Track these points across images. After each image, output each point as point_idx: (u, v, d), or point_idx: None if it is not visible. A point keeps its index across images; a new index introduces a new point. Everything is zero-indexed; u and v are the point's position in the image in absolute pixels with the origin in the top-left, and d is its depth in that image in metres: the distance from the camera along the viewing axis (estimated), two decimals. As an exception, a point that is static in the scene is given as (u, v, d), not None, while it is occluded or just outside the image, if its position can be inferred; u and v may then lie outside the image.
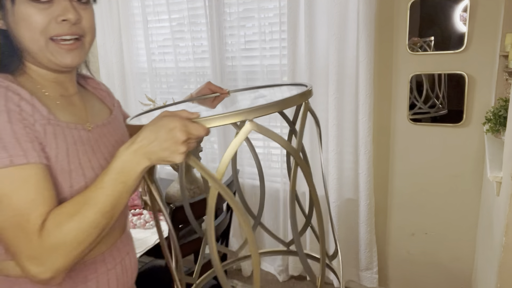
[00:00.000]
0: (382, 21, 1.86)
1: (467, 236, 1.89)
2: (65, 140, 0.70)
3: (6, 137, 0.61)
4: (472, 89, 1.75)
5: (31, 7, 0.66)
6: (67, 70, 0.74)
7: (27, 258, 0.59)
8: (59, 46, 0.69)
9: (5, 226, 0.60)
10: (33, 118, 0.66)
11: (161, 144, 0.60)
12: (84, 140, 0.74)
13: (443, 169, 1.89)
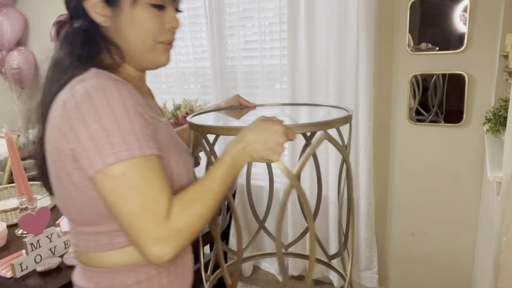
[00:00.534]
0: (382, 21, 1.86)
1: (467, 236, 1.89)
2: (162, 133, 0.75)
3: (136, 128, 0.64)
4: (472, 89, 1.75)
5: (149, 13, 0.72)
6: (152, 69, 0.79)
7: (154, 241, 0.63)
8: (164, 48, 0.76)
9: (136, 212, 0.62)
10: (144, 111, 0.69)
11: (265, 144, 0.70)
12: (169, 133, 0.80)
13: (443, 169, 1.89)
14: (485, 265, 1.35)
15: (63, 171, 0.67)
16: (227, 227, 1.52)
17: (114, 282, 0.71)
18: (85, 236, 0.72)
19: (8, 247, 1.35)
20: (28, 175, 2.14)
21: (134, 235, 0.64)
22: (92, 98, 0.62)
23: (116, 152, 0.62)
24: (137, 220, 0.63)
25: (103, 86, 0.64)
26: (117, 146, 0.62)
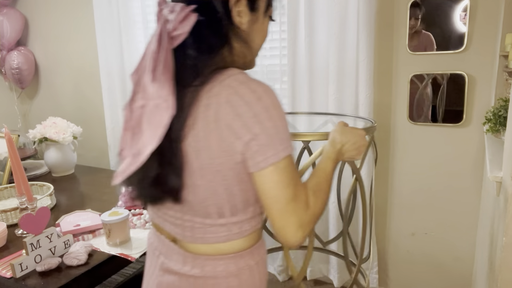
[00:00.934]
0: (382, 21, 1.86)
1: (467, 236, 1.89)
2: None
3: (286, 130, 0.71)
4: (472, 89, 1.75)
5: (268, 23, 0.83)
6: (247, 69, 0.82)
7: (300, 226, 0.71)
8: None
9: (292, 198, 0.70)
10: None
11: (354, 145, 0.87)
12: None
13: (443, 169, 1.89)
14: (485, 265, 1.35)
15: (222, 165, 0.71)
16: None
17: (240, 265, 0.79)
18: (215, 229, 0.76)
19: (8, 247, 1.35)
20: (28, 175, 2.14)
21: (285, 220, 0.71)
22: (262, 98, 0.68)
23: (285, 148, 0.70)
24: (293, 206, 0.70)
25: (265, 88, 0.70)
26: (285, 142, 0.70)
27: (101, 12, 2.49)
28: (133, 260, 1.27)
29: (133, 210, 1.60)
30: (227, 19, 0.75)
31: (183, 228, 0.78)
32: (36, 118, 3.20)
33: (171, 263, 0.81)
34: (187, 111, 0.70)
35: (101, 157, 2.94)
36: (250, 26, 0.78)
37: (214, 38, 0.74)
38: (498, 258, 0.91)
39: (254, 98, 0.68)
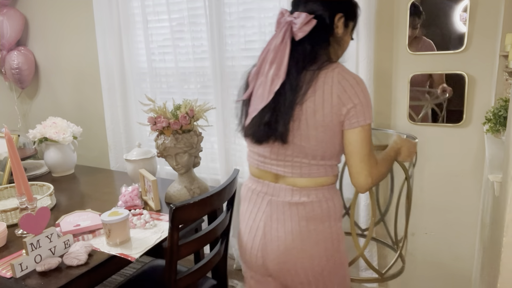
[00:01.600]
0: (382, 21, 1.86)
1: (467, 236, 1.89)
2: None
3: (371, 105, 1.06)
4: (472, 89, 1.75)
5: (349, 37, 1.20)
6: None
7: (369, 174, 1.06)
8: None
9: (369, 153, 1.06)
10: None
11: (408, 150, 1.26)
12: None
13: (443, 169, 1.89)
14: (485, 265, 1.35)
15: (330, 122, 1.03)
16: (227, 227, 1.52)
17: (325, 194, 1.11)
18: (317, 167, 1.09)
19: (8, 247, 1.35)
20: (28, 175, 2.15)
21: (360, 167, 1.06)
22: (359, 83, 1.04)
23: (369, 117, 1.04)
24: (368, 159, 1.06)
25: (359, 78, 1.06)
26: (370, 113, 1.04)
27: (101, 12, 2.49)
28: (133, 260, 1.27)
29: (133, 210, 1.60)
30: (331, 28, 1.12)
31: (292, 167, 1.10)
32: (36, 118, 3.20)
33: (279, 198, 1.12)
34: (308, 85, 1.04)
35: (101, 157, 2.94)
36: (341, 36, 1.15)
37: (323, 38, 1.10)
38: (498, 258, 0.91)
39: (355, 82, 1.03)
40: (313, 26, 1.06)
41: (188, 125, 1.61)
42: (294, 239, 1.10)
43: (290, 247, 1.10)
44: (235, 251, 2.46)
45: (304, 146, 1.06)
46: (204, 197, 1.27)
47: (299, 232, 1.10)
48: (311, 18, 1.06)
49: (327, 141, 1.06)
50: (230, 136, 2.34)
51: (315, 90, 1.03)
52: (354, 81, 1.03)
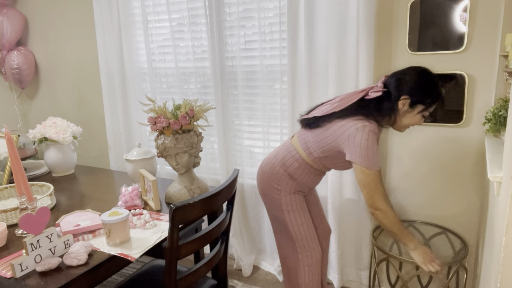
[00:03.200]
0: (382, 21, 1.86)
1: (468, 236, 1.89)
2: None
3: (375, 154, 1.44)
4: (472, 89, 1.75)
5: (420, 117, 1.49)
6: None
7: (378, 200, 1.46)
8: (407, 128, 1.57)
9: (374, 189, 1.46)
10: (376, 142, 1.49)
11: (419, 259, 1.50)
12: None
13: (443, 169, 1.89)
14: (485, 265, 1.35)
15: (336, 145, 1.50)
16: (227, 227, 1.52)
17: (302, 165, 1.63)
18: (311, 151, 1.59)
19: (8, 247, 1.35)
20: (28, 175, 2.15)
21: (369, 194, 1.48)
22: (363, 136, 1.42)
23: (364, 163, 1.44)
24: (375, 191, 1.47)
25: (369, 135, 1.42)
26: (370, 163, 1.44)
27: (101, 12, 2.49)
28: (133, 260, 1.27)
29: (133, 210, 1.60)
30: (395, 103, 1.46)
31: (304, 141, 1.61)
32: (36, 118, 3.21)
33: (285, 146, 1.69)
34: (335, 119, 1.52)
35: (101, 157, 2.94)
36: (404, 113, 1.47)
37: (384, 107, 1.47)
38: (498, 258, 0.91)
39: (362, 135, 1.42)
40: (380, 95, 1.47)
41: (188, 125, 1.61)
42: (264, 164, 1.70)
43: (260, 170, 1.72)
44: (235, 251, 2.46)
45: (316, 139, 1.56)
46: (204, 197, 1.26)
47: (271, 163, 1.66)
48: (381, 89, 1.47)
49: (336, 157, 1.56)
50: (230, 136, 2.34)
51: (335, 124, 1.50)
52: (360, 133, 1.43)
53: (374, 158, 1.43)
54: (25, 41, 3.08)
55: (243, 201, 2.42)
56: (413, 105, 1.45)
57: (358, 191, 2.05)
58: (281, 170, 1.63)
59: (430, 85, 1.44)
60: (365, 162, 1.43)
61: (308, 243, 1.68)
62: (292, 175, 1.63)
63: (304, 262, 1.70)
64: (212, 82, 2.27)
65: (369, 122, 1.44)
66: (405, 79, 1.45)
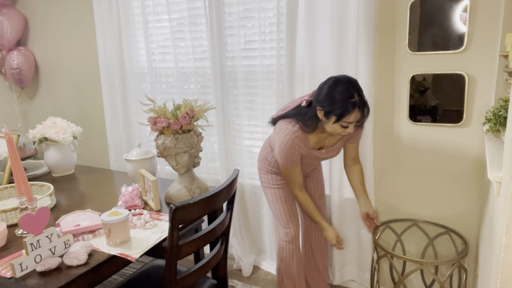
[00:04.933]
0: (382, 21, 1.86)
1: (468, 236, 1.89)
2: (306, 156, 1.71)
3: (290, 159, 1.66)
4: (472, 89, 1.75)
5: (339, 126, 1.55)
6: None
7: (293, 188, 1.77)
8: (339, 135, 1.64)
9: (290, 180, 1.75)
10: (299, 153, 1.66)
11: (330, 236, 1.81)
12: (315, 156, 1.74)
13: (443, 169, 1.89)
14: (485, 265, 1.35)
15: (273, 142, 1.77)
16: (227, 227, 1.52)
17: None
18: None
19: (8, 247, 1.35)
20: (28, 175, 2.15)
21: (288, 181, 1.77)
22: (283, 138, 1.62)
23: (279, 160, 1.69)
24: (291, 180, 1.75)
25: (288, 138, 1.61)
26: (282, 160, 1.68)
27: (101, 12, 2.49)
28: (133, 260, 1.27)
29: (133, 210, 1.60)
30: (315, 110, 1.57)
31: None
32: (36, 118, 3.21)
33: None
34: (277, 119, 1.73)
35: (101, 157, 2.94)
36: (324, 122, 1.57)
37: (309, 113, 1.60)
38: (498, 258, 0.91)
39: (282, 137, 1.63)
40: (307, 104, 1.61)
41: (188, 125, 1.61)
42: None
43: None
44: (235, 251, 2.46)
45: (271, 136, 1.84)
46: (204, 197, 1.27)
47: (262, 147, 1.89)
48: (309, 98, 1.61)
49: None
50: (230, 136, 2.34)
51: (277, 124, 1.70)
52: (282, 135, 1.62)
53: (286, 157, 1.64)
54: (25, 41, 3.08)
55: (243, 201, 2.42)
56: (326, 116, 1.53)
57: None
58: (262, 153, 1.86)
59: (339, 97, 1.48)
60: (279, 160, 1.68)
61: (283, 219, 1.84)
62: (266, 157, 1.84)
63: (281, 237, 1.86)
64: (212, 82, 2.27)
65: (293, 126, 1.60)
66: (321, 89, 1.54)
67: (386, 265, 2.13)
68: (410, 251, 2.04)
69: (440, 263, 1.72)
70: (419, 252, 2.02)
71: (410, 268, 2.04)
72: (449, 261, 1.67)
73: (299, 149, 1.64)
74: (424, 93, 1.85)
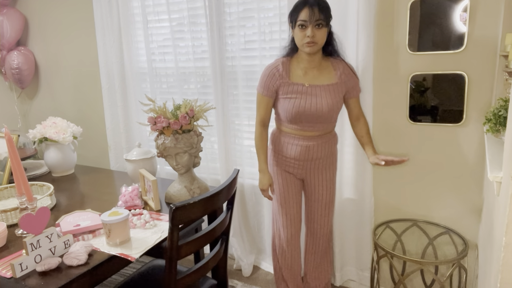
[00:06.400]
0: (382, 21, 1.86)
1: (468, 236, 1.89)
2: (288, 90, 1.71)
3: (264, 84, 1.74)
4: (472, 89, 1.75)
5: (298, 31, 1.61)
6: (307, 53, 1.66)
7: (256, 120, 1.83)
8: (306, 45, 1.61)
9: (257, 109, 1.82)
10: (277, 78, 1.71)
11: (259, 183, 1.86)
12: (300, 91, 1.70)
13: (443, 169, 1.89)
14: (485, 265, 1.35)
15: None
16: (227, 227, 1.52)
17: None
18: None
19: (8, 247, 1.35)
20: (28, 175, 2.15)
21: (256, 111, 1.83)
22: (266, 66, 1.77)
23: (258, 86, 1.78)
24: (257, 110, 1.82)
25: (266, 68, 1.74)
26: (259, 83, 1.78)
27: (101, 12, 2.49)
28: (133, 260, 1.27)
29: (133, 210, 1.60)
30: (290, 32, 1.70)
31: None
32: (36, 118, 3.20)
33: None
34: None
35: (101, 157, 2.94)
36: (293, 35, 1.67)
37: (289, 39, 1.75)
38: (498, 258, 0.91)
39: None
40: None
41: (188, 125, 1.61)
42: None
43: None
44: (235, 251, 2.46)
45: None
46: (204, 197, 1.27)
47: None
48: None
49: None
50: (230, 136, 2.34)
51: None
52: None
53: (261, 78, 1.75)
54: (25, 41, 3.08)
55: (243, 201, 2.42)
56: (292, 27, 1.66)
57: (358, 191, 2.05)
58: (270, 146, 1.88)
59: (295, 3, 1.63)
60: (258, 85, 1.78)
61: (276, 216, 1.93)
62: (270, 145, 1.88)
63: (273, 226, 1.97)
64: (212, 82, 2.27)
65: (276, 60, 1.74)
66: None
67: (386, 265, 2.13)
68: (410, 251, 2.04)
69: (440, 263, 1.72)
70: (419, 252, 2.02)
71: (410, 268, 2.04)
72: (449, 261, 1.68)
73: (277, 72, 1.69)
74: (424, 93, 1.85)
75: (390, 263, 2.04)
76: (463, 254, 1.71)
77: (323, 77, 1.71)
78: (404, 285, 1.76)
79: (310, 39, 1.58)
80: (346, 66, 1.73)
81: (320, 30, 1.59)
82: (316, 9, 1.56)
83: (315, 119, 1.71)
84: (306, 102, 1.68)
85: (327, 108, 1.69)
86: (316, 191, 1.87)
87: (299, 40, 1.61)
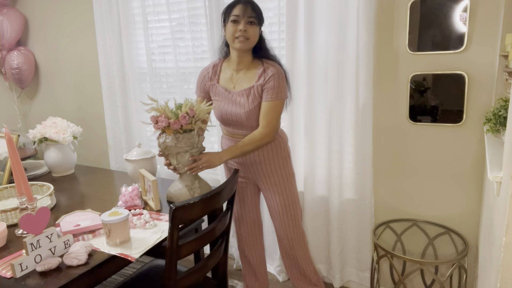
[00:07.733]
0: (382, 21, 1.86)
1: (468, 236, 1.89)
2: (215, 92, 1.77)
3: (196, 83, 1.85)
4: (472, 89, 1.75)
5: (230, 26, 1.63)
6: (238, 50, 1.67)
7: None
8: (237, 41, 1.63)
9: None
10: (207, 80, 1.79)
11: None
12: (223, 94, 1.75)
13: (443, 169, 1.89)
14: (485, 265, 1.35)
15: None
16: (227, 227, 1.52)
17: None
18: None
19: (8, 247, 1.35)
20: (28, 175, 2.15)
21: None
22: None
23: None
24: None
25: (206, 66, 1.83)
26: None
27: (101, 12, 2.49)
28: (133, 260, 1.27)
29: (133, 210, 1.60)
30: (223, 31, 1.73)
31: None
32: (36, 118, 3.20)
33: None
34: None
35: (101, 157, 2.94)
36: (226, 33, 1.69)
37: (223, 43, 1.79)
38: (498, 258, 0.91)
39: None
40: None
41: (189, 125, 1.61)
42: None
43: None
44: (235, 251, 2.46)
45: None
46: (204, 197, 1.27)
47: None
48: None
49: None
50: (230, 136, 2.34)
51: None
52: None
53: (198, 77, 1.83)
54: (25, 41, 3.08)
55: (243, 201, 2.41)
56: (224, 25, 1.68)
57: (358, 191, 2.05)
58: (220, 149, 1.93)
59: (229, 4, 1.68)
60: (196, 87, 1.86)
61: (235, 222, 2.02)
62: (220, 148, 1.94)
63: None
64: (212, 82, 2.26)
65: (211, 62, 1.82)
66: None
67: (386, 265, 2.13)
68: (410, 251, 2.04)
69: (440, 263, 1.72)
70: (419, 252, 2.02)
71: (410, 268, 2.04)
72: (449, 261, 1.68)
73: (207, 74, 1.78)
74: (424, 93, 1.85)
75: (390, 263, 2.04)
76: (463, 254, 1.71)
77: (247, 80, 1.71)
78: (404, 285, 1.77)
79: (242, 33, 1.60)
80: (274, 68, 1.67)
81: (252, 27, 1.62)
82: (249, 7, 1.61)
83: (238, 123, 1.74)
84: (228, 107, 1.72)
85: (244, 115, 1.69)
86: (268, 196, 1.85)
87: (231, 35, 1.62)
